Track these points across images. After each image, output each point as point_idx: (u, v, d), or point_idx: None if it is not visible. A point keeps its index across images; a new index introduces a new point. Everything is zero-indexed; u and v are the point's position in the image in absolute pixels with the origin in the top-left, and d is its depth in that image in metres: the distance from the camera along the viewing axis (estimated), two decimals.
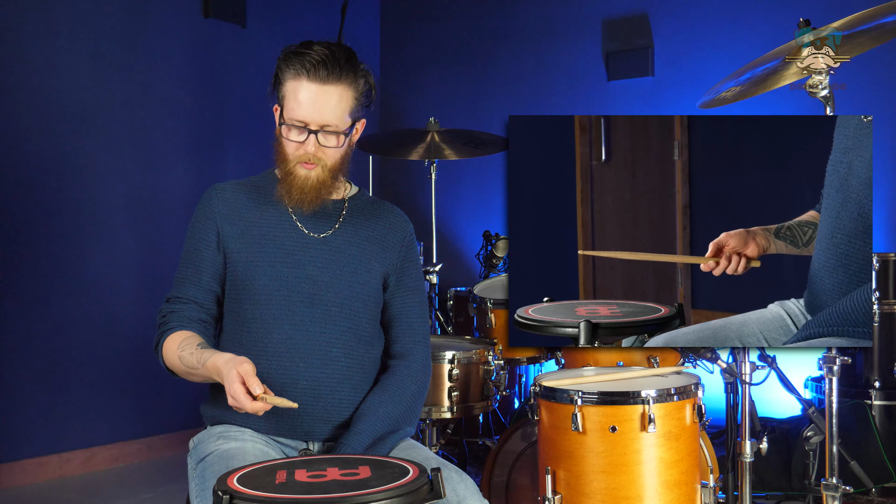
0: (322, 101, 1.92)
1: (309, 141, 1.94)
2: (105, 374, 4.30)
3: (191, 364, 1.88)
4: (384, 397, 1.99)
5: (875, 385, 3.68)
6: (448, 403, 2.82)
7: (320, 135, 1.94)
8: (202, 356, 1.86)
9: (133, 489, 3.98)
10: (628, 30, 5.08)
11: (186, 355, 1.89)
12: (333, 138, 1.95)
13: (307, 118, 1.92)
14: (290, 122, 1.94)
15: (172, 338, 1.94)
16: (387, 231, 2.09)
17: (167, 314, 1.99)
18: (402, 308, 2.09)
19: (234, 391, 1.75)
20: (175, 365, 1.93)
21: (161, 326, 1.99)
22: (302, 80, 1.91)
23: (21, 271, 4.02)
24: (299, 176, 1.96)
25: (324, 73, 1.90)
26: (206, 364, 1.85)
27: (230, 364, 1.78)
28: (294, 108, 1.92)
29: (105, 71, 4.33)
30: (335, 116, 1.93)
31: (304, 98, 1.92)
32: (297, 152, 1.95)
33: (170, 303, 2.01)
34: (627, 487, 2.13)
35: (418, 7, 5.87)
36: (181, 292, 2.01)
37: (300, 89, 1.92)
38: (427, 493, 1.50)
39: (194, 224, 2.04)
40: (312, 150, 1.94)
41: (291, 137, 1.95)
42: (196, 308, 2.00)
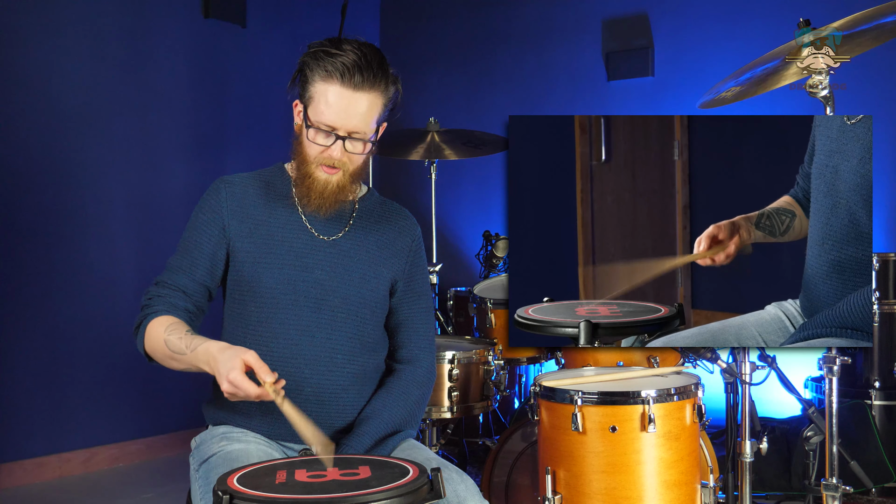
0: (353, 107, 1.86)
1: (335, 147, 1.88)
2: (105, 374, 4.30)
3: (178, 349, 1.81)
4: (388, 401, 1.98)
5: (875, 385, 3.68)
6: (448, 403, 2.83)
7: (347, 141, 1.88)
8: (192, 342, 1.80)
9: (133, 489, 3.98)
10: (628, 30, 5.08)
11: (174, 339, 1.82)
12: (360, 145, 1.90)
13: (336, 123, 1.86)
14: (316, 125, 1.88)
15: (158, 320, 1.87)
16: (396, 235, 2.06)
17: (153, 297, 1.93)
18: (410, 314, 2.07)
19: (235, 378, 1.69)
20: (157, 349, 1.85)
21: (145, 308, 1.92)
22: (334, 83, 1.85)
23: (21, 271, 4.02)
24: (319, 180, 1.91)
25: (358, 79, 1.84)
26: (197, 350, 1.78)
27: (228, 352, 1.73)
28: (323, 112, 1.86)
29: (105, 71, 4.32)
30: (364, 123, 1.88)
31: (335, 103, 1.85)
32: (322, 155, 1.90)
33: (158, 286, 1.95)
34: (627, 487, 2.13)
35: (418, 7, 5.87)
36: (172, 279, 1.95)
37: (331, 93, 1.85)
38: (427, 493, 1.50)
39: (198, 214, 1.98)
40: (338, 156, 1.89)
41: (318, 141, 1.89)
42: (184, 297, 1.94)
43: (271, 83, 5.09)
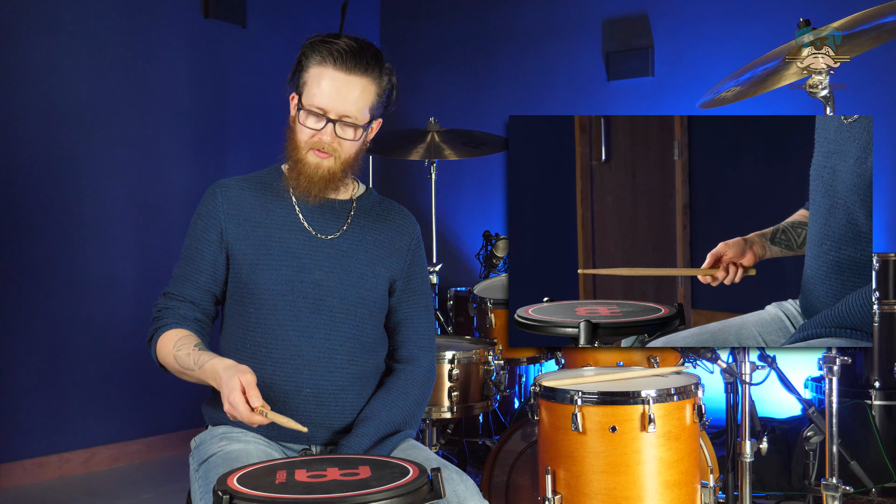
0: (345, 90, 1.88)
1: (326, 130, 1.90)
2: (105, 373, 4.30)
3: (187, 365, 1.85)
4: (388, 401, 1.98)
5: (875, 385, 3.68)
6: (448, 403, 2.83)
7: (338, 125, 1.90)
8: (200, 358, 1.83)
9: (133, 489, 3.98)
10: (628, 30, 5.08)
11: (183, 355, 1.86)
12: (351, 130, 1.92)
13: (328, 106, 1.89)
14: (308, 108, 1.90)
15: (168, 335, 1.91)
16: (394, 234, 2.06)
17: (163, 309, 1.96)
18: (409, 313, 2.07)
19: (235, 400, 1.72)
20: (169, 363, 1.90)
21: (156, 321, 1.96)
22: (327, 67, 1.88)
23: (21, 271, 4.02)
24: (310, 163, 1.93)
25: (351, 63, 1.87)
26: (205, 367, 1.82)
27: (231, 371, 1.76)
28: (315, 95, 1.89)
29: (105, 71, 4.32)
30: (356, 108, 1.90)
31: (327, 85, 1.88)
32: (312, 139, 1.91)
33: (166, 297, 1.98)
34: (627, 487, 2.13)
35: (418, 7, 5.87)
36: (178, 290, 1.97)
37: (324, 76, 1.88)
38: (427, 493, 1.50)
39: (196, 221, 2.00)
40: (328, 140, 1.91)
41: (308, 124, 1.91)
42: (192, 307, 1.96)
43: (271, 83, 5.09)
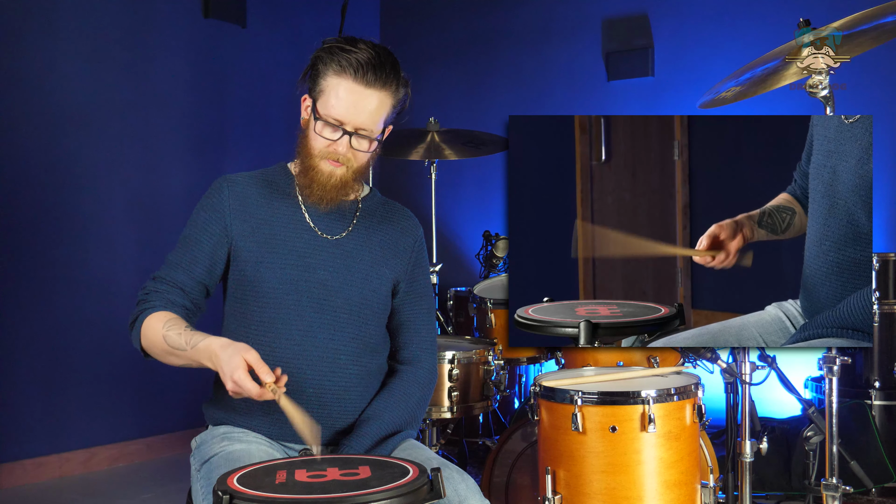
0: (363, 104, 1.87)
1: (342, 141, 1.90)
2: (105, 373, 4.29)
3: (177, 345, 1.80)
4: (390, 402, 1.98)
5: (875, 385, 3.68)
6: (448, 403, 2.83)
7: (354, 137, 1.90)
8: (192, 338, 1.79)
9: (133, 489, 3.98)
10: (628, 30, 5.08)
11: (173, 335, 1.81)
12: (366, 142, 1.92)
13: (345, 118, 1.88)
14: (325, 118, 1.89)
15: (156, 316, 1.86)
16: (399, 236, 2.06)
17: (151, 292, 1.92)
18: (411, 315, 2.07)
19: (239, 377, 1.68)
20: (155, 344, 1.84)
21: (141, 304, 1.91)
22: (346, 78, 1.86)
23: (21, 271, 4.02)
24: (323, 172, 1.92)
25: (371, 77, 1.86)
26: (198, 347, 1.77)
27: (230, 350, 1.72)
28: (333, 106, 1.87)
29: (105, 71, 4.32)
30: (372, 121, 1.89)
31: (346, 98, 1.87)
32: (327, 149, 1.90)
33: (155, 281, 1.94)
34: (627, 487, 2.13)
35: (418, 7, 5.87)
36: (170, 276, 1.94)
37: (342, 87, 1.87)
38: (427, 492, 1.50)
39: (199, 212, 1.98)
40: (343, 151, 1.90)
41: (324, 134, 1.90)
42: (181, 294, 1.92)
43: (271, 83, 5.09)
